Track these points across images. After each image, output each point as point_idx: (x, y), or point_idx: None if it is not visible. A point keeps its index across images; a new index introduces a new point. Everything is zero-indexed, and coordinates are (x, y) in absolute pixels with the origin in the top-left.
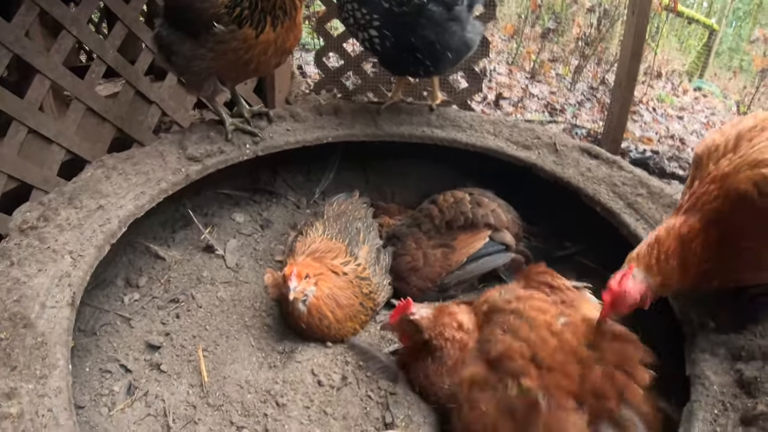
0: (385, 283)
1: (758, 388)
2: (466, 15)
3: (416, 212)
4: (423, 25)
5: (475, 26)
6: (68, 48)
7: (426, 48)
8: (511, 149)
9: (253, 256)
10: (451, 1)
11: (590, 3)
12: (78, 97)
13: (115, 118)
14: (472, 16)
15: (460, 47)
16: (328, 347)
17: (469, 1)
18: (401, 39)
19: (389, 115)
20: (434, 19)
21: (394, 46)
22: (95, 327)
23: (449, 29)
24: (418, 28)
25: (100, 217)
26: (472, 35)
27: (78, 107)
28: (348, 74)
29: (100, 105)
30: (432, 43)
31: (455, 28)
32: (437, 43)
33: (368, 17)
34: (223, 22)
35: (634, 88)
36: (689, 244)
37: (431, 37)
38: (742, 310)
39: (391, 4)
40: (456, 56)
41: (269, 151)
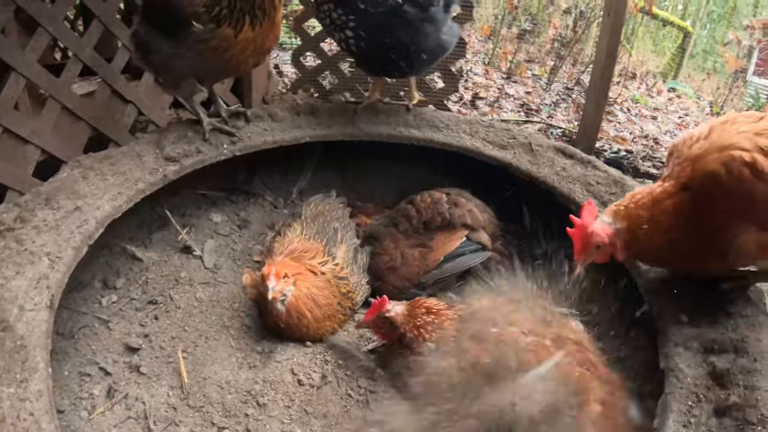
0: (363, 282)
1: (730, 379)
2: (443, 16)
3: (394, 212)
4: (398, 27)
5: (451, 28)
6: (44, 45)
7: (400, 49)
8: (487, 149)
9: (230, 257)
10: (426, 2)
11: (566, 4)
12: (54, 95)
13: (90, 118)
14: (449, 18)
15: (434, 49)
16: (307, 346)
17: (445, 2)
18: (376, 40)
19: (367, 115)
20: (409, 20)
21: (369, 46)
22: (73, 330)
23: (424, 31)
24: (393, 29)
25: (77, 218)
26: (448, 37)
27: (54, 106)
28: (325, 74)
29: (76, 104)
30: (406, 44)
31: (430, 30)
32: (412, 44)
33: (344, 18)
34: (201, 21)
35: (608, 89)
36: (661, 202)
37: (405, 38)
38: (715, 303)
39: (367, 5)
40: (430, 57)
41: (247, 151)
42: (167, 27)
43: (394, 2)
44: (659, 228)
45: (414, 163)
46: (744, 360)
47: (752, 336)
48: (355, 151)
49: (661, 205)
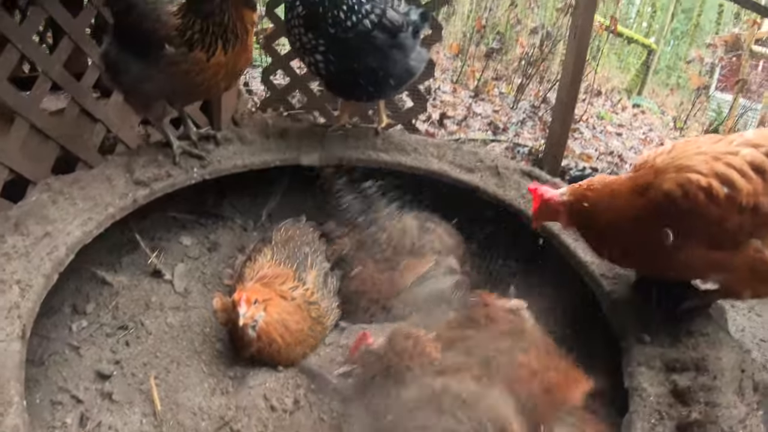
0: (334, 306)
1: (692, 397)
2: (411, 42)
3: (364, 236)
4: (367, 52)
5: (419, 54)
6: (13, 63)
7: (369, 74)
8: (454, 172)
9: (201, 280)
10: (395, 28)
11: (533, 24)
12: (22, 114)
13: (59, 137)
14: (417, 43)
15: (402, 74)
16: (279, 371)
17: (414, 27)
18: (345, 64)
19: (336, 138)
20: (378, 46)
21: (338, 71)
22: (43, 357)
23: (392, 57)
24: (362, 54)
25: (47, 245)
26: (416, 63)
27: (22, 124)
28: (295, 93)
29: (45, 122)
30: (375, 69)
31: (398, 56)
32: (380, 69)
33: (314, 42)
34: (174, 44)
35: (574, 108)
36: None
37: (374, 63)
38: (677, 322)
39: (337, 30)
40: (398, 83)
41: (217, 175)
42: (139, 48)
43: (363, 28)
44: (597, 208)
45: (385, 183)
46: (704, 378)
47: (712, 354)
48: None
49: (605, 189)
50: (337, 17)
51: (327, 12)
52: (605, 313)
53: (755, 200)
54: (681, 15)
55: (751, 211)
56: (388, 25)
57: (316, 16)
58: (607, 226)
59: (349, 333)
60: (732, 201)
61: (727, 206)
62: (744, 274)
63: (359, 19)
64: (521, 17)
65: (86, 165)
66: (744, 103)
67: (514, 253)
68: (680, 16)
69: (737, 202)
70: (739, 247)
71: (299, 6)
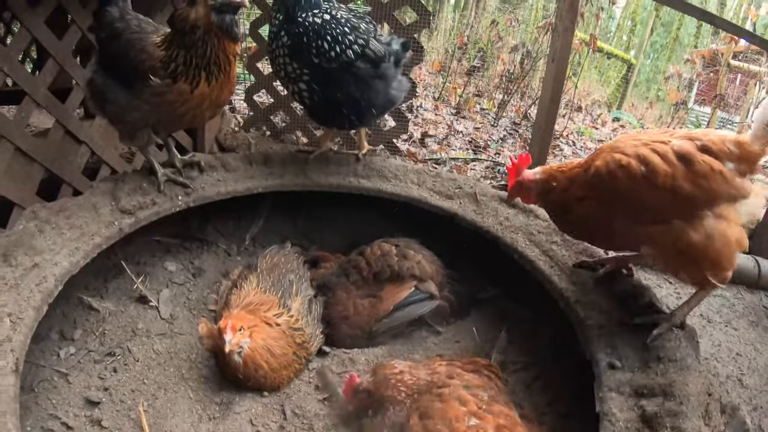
0: (318, 332)
1: (659, 422)
2: (393, 72)
3: (345, 262)
4: (349, 82)
5: (401, 83)
6: None
7: (351, 104)
8: (434, 199)
9: (186, 306)
10: (377, 58)
11: (514, 41)
12: (7, 136)
13: (44, 159)
14: (399, 73)
15: (384, 104)
16: (264, 396)
17: (395, 57)
18: (328, 94)
19: (318, 164)
20: (360, 76)
21: (321, 100)
22: (33, 383)
23: (375, 87)
24: (345, 84)
25: (36, 276)
26: (397, 92)
27: (7, 147)
28: (278, 112)
29: (30, 145)
30: (357, 99)
31: (380, 86)
32: (362, 99)
33: (299, 71)
34: (159, 76)
35: (552, 129)
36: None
37: (357, 93)
38: (647, 348)
39: (321, 60)
40: (380, 112)
41: (201, 202)
42: (125, 77)
43: (347, 58)
44: (560, 187)
45: (365, 209)
46: (671, 403)
47: (679, 380)
48: (307, 198)
49: (569, 172)
50: (321, 47)
51: (311, 42)
52: (578, 338)
53: (673, 183)
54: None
55: (670, 193)
56: (371, 55)
57: (300, 46)
58: (566, 204)
59: (332, 358)
60: (648, 180)
61: (644, 184)
62: (668, 249)
63: (343, 50)
64: (503, 34)
65: (71, 187)
66: (722, 116)
67: (491, 278)
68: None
69: (653, 182)
70: (662, 224)
71: (284, 36)
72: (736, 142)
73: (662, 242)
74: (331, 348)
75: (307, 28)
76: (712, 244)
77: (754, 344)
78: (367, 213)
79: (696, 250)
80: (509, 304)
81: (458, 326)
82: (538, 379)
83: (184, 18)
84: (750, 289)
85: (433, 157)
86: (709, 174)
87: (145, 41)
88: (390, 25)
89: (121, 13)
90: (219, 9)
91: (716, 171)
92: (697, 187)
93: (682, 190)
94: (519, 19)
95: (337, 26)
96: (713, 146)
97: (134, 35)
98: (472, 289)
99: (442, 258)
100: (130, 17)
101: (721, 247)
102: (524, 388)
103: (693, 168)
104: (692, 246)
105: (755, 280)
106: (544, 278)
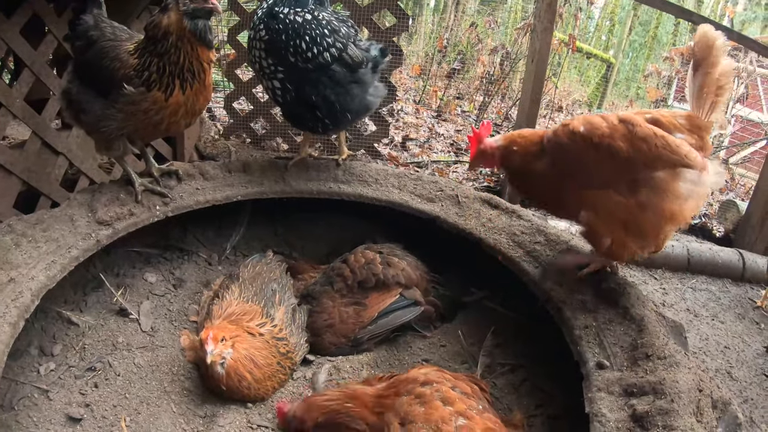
0: (302, 342)
1: (650, 421)
2: (370, 78)
3: (329, 270)
4: (325, 84)
5: (377, 89)
6: None
7: (326, 106)
8: (415, 202)
9: (167, 318)
10: (355, 64)
11: (494, 43)
12: None
13: (21, 171)
14: (376, 79)
15: (359, 110)
16: (249, 408)
17: (373, 63)
18: (303, 94)
19: (297, 171)
20: (336, 79)
21: (295, 100)
22: (12, 401)
23: (350, 91)
24: (320, 86)
25: (12, 291)
26: (373, 98)
27: None
28: (258, 119)
29: (6, 157)
30: (332, 102)
31: (356, 91)
32: (337, 103)
33: (273, 68)
34: (133, 84)
35: None
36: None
37: (332, 97)
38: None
39: (297, 59)
40: (355, 117)
41: (179, 212)
42: (99, 87)
43: (323, 60)
44: (521, 151)
45: (347, 214)
46: (662, 401)
47: (669, 377)
48: (287, 205)
49: (530, 137)
50: (298, 46)
51: (289, 40)
52: (566, 338)
53: (610, 141)
54: (639, 28)
55: (608, 152)
56: (348, 60)
57: (277, 43)
58: (526, 167)
59: (317, 366)
60: (587, 139)
61: (583, 144)
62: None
63: (320, 51)
64: (482, 36)
65: (49, 199)
66: None
67: (475, 280)
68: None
69: (592, 141)
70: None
71: (262, 29)
72: (686, 116)
73: (599, 207)
74: (316, 356)
75: (287, 26)
76: (643, 213)
77: (742, 336)
78: (348, 218)
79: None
80: (495, 306)
81: (444, 330)
82: (526, 380)
83: (156, 24)
84: (735, 282)
85: (414, 160)
86: (650, 137)
87: (118, 49)
88: (369, 29)
89: (96, 21)
90: (192, 15)
91: (658, 136)
92: (636, 150)
93: (621, 150)
94: (498, 21)
95: (317, 27)
96: (662, 118)
97: (108, 43)
98: (457, 293)
99: (426, 261)
100: (105, 25)
101: (652, 218)
102: (512, 391)
103: (633, 129)
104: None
105: (740, 274)
106: (529, 279)
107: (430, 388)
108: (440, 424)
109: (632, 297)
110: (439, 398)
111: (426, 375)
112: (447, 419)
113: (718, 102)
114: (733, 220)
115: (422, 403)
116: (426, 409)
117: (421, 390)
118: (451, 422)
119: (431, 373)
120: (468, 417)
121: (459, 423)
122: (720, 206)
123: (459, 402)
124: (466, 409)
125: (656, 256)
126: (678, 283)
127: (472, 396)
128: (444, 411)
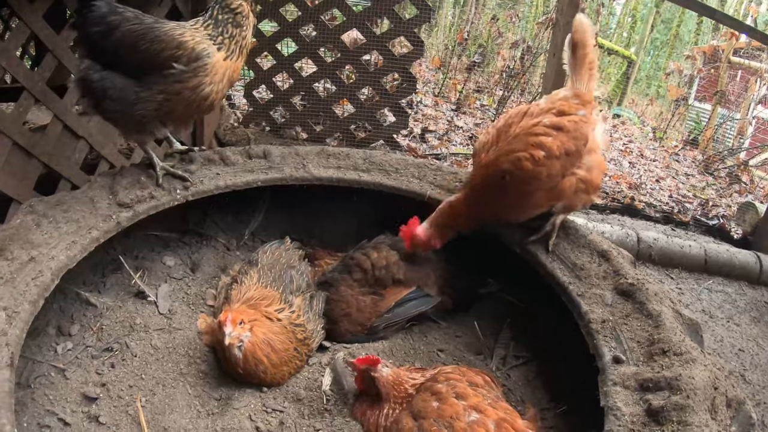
0: (319, 328)
1: (665, 416)
2: None
3: (347, 258)
4: None
5: None
6: None
7: None
8: (434, 193)
9: (185, 301)
10: None
11: (515, 37)
12: (4, 131)
13: (42, 154)
14: None
15: None
16: (264, 392)
17: None
18: None
19: (318, 158)
20: None
21: None
22: (29, 379)
23: None
24: None
25: (32, 270)
26: None
27: (4, 142)
28: (277, 108)
29: (27, 140)
30: None
31: None
32: None
33: None
34: (181, 62)
35: None
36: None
37: None
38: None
39: None
40: None
41: (200, 196)
42: (132, 71)
43: None
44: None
45: (366, 201)
46: (677, 397)
47: (685, 374)
48: (306, 192)
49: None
50: None
51: None
52: (582, 332)
53: (566, 147)
54: (661, 25)
55: (566, 155)
56: None
57: None
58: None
59: (333, 353)
60: (550, 156)
61: (548, 162)
62: (571, 194)
63: None
64: (503, 30)
65: (69, 182)
66: (723, 112)
67: (493, 272)
68: (660, 27)
69: (554, 155)
70: (567, 178)
71: None
72: (575, 95)
73: (568, 191)
74: (331, 343)
75: None
76: (592, 173)
77: (756, 340)
78: (368, 206)
79: (587, 182)
80: (511, 298)
81: (459, 321)
82: (541, 373)
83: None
84: (752, 284)
85: (433, 152)
86: (577, 126)
87: (157, 31)
88: (390, 20)
89: (111, 7)
90: None
91: (578, 122)
92: (576, 140)
93: (571, 148)
94: (519, 15)
95: None
96: (565, 107)
97: (137, 26)
98: (474, 284)
99: (443, 251)
100: (122, 9)
101: (598, 173)
102: (526, 383)
103: (566, 131)
104: (586, 180)
105: (757, 276)
106: (546, 272)
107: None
108: (453, 421)
109: (649, 293)
110: (454, 394)
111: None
112: (460, 415)
113: (592, 75)
114: (751, 222)
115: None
116: (440, 404)
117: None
118: (464, 418)
119: None
120: (481, 410)
121: (471, 418)
122: (739, 208)
123: (473, 396)
124: (479, 402)
125: (673, 255)
126: (694, 283)
127: (484, 386)
128: (458, 406)
